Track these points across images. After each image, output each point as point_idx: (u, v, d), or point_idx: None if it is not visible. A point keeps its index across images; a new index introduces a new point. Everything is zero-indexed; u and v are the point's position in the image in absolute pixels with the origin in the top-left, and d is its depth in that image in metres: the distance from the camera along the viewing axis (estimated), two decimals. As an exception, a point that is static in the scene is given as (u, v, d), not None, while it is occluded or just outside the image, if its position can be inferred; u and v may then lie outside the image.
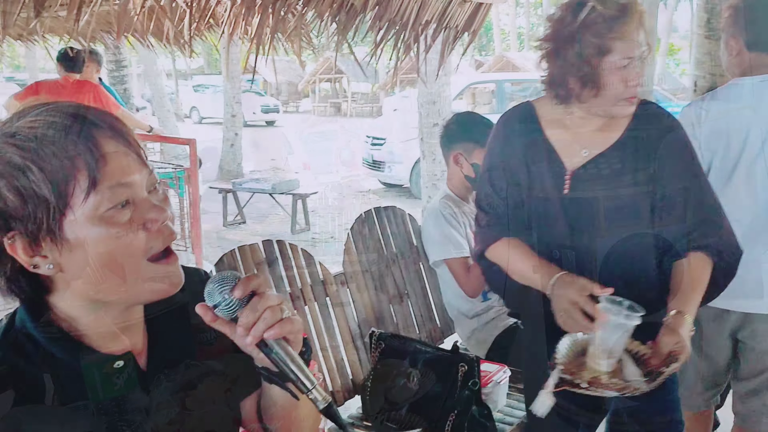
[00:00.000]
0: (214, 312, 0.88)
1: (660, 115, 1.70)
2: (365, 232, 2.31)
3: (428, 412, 1.86)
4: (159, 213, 0.85)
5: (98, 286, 0.84)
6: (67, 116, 0.81)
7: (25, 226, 0.80)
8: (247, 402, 1.09)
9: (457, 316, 2.44)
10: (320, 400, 0.89)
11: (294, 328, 0.89)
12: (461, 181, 2.46)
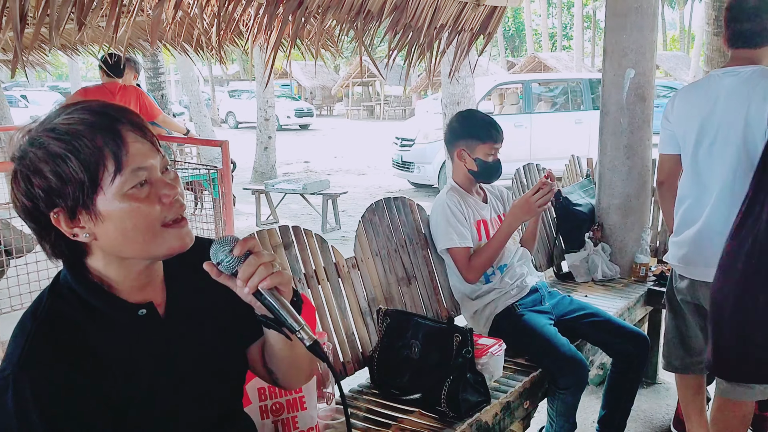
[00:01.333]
0: (218, 268, 1.10)
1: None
2: (375, 219, 2.51)
3: (427, 379, 2.05)
4: (170, 189, 1.08)
5: (125, 247, 1.07)
6: (95, 114, 1.04)
7: (66, 203, 1.03)
8: (253, 349, 1.31)
9: (462, 297, 2.63)
10: (306, 339, 1.11)
11: (284, 279, 1.10)
12: (465, 174, 2.64)
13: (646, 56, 3.18)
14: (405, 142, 10.29)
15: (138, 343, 1.12)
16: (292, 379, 1.34)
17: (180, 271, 1.20)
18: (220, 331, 1.24)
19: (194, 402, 1.19)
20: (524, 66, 22.65)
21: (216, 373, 1.23)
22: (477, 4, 4.02)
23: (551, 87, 11.46)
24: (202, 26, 3.02)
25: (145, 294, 1.15)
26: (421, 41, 3.91)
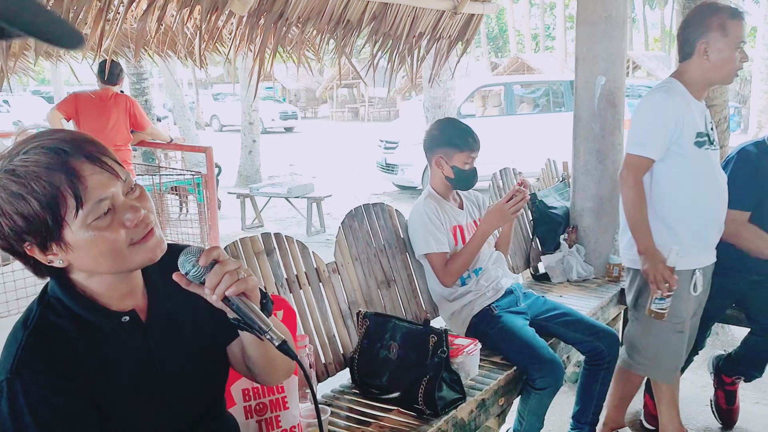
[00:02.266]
0: (186, 278, 1.17)
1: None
2: (355, 225, 2.60)
3: (405, 379, 2.14)
4: (134, 212, 1.14)
5: (98, 269, 1.16)
6: (50, 152, 1.08)
7: (35, 238, 1.11)
8: (233, 347, 1.39)
9: (439, 300, 2.72)
10: (275, 339, 1.18)
11: (248, 285, 1.16)
12: (442, 181, 2.73)
13: (616, 64, 3.29)
14: (389, 145, 10.39)
15: (123, 349, 1.19)
16: (270, 376, 1.41)
17: (159, 277, 1.27)
18: (200, 332, 1.32)
19: (179, 402, 1.27)
20: (508, 67, 22.83)
21: (198, 373, 1.31)
22: (454, 13, 4.12)
23: (533, 89, 11.60)
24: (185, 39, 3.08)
25: (127, 301, 1.23)
26: (401, 49, 4.01)
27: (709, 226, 2.50)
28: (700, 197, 2.45)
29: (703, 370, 3.35)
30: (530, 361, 2.40)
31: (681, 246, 2.41)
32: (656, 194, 2.47)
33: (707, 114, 2.49)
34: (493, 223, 2.60)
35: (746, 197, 2.68)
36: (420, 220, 2.65)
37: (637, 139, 2.45)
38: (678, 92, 2.43)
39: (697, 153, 2.41)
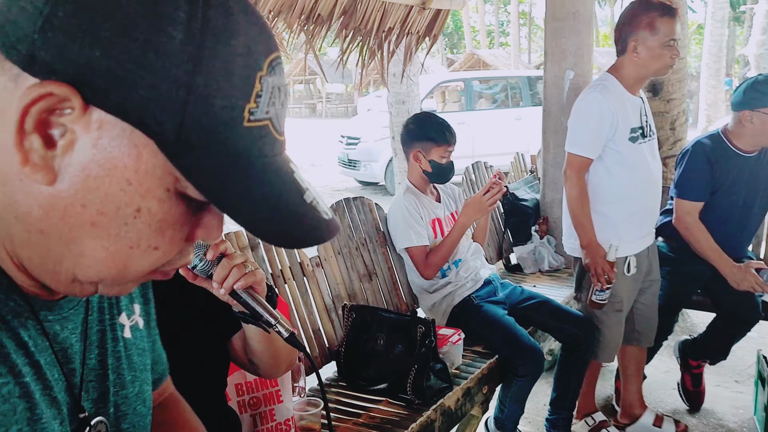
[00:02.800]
0: (193, 272, 1.16)
1: None
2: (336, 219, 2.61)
3: (393, 369, 2.17)
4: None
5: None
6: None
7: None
8: (235, 341, 1.40)
9: (420, 291, 2.75)
10: (283, 332, 1.18)
11: (257, 278, 1.16)
12: (420, 175, 2.77)
13: (584, 58, 3.38)
14: (350, 141, 10.38)
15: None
16: (273, 369, 1.42)
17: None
18: (201, 325, 1.32)
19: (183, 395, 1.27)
20: (464, 63, 23.01)
21: (201, 366, 1.31)
22: (422, 8, 4.16)
23: (491, 84, 11.75)
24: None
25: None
26: (371, 44, 4.03)
27: (644, 216, 2.62)
28: (636, 190, 2.55)
29: (665, 356, 3.47)
30: (512, 349, 2.45)
31: (617, 236, 2.52)
32: (595, 190, 2.55)
33: (643, 107, 2.58)
34: (471, 216, 2.65)
35: (700, 189, 2.81)
36: (400, 214, 2.68)
37: (575, 139, 2.53)
38: (611, 90, 2.49)
39: (631, 148, 2.50)
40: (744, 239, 2.96)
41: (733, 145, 2.80)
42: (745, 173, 2.79)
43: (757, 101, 2.67)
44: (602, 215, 2.56)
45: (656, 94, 4.28)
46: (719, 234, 2.81)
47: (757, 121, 2.68)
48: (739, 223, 2.88)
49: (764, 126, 2.68)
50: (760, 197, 2.86)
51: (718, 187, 2.79)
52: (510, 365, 2.47)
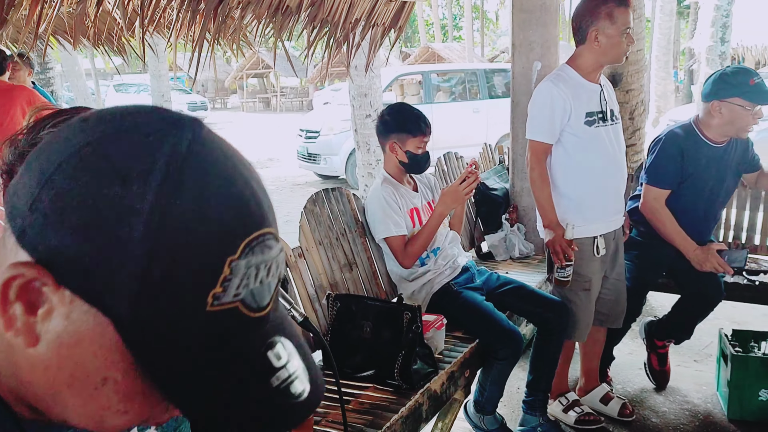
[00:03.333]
0: None
1: None
2: (316, 210, 2.63)
3: (380, 356, 2.20)
4: None
5: None
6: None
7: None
8: None
9: (399, 280, 2.79)
10: (297, 316, 1.22)
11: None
12: (396, 166, 2.80)
13: (551, 50, 3.46)
14: (310, 134, 10.34)
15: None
16: None
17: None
18: None
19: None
20: (419, 56, 23.13)
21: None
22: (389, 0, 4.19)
23: (449, 77, 11.85)
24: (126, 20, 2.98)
25: None
26: (338, 35, 4.04)
27: (607, 196, 2.72)
28: (596, 171, 2.65)
29: (629, 338, 3.58)
30: (492, 333, 2.52)
31: (583, 216, 2.65)
32: (557, 172, 2.69)
33: (604, 93, 2.67)
34: (448, 205, 2.70)
35: (668, 177, 2.93)
36: (378, 204, 2.71)
37: (532, 127, 2.67)
38: (566, 79, 2.63)
39: (588, 132, 2.62)
40: (708, 226, 3.09)
41: (704, 135, 2.91)
42: (714, 163, 2.91)
43: (725, 92, 2.78)
44: (566, 197, 2.69)
45: (616, 85, 4.40)
46: (684, 221, 2.93)
47: (726, 111, 2.80)
48: (704, 211, 3.00)
49: (732, 116, 2.79)
50: (725, 187, 3.00)
51: (687, 175, 2.90)
52: (490, 349, 2.53)
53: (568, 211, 2.67)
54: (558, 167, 2.68)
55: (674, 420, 2.99)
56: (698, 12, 13.10)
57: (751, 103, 2.76)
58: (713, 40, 7.25)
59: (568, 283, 2.67)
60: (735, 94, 2.77)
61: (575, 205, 2.68)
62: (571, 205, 2.68)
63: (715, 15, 7.16)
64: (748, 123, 2.80)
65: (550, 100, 2.60)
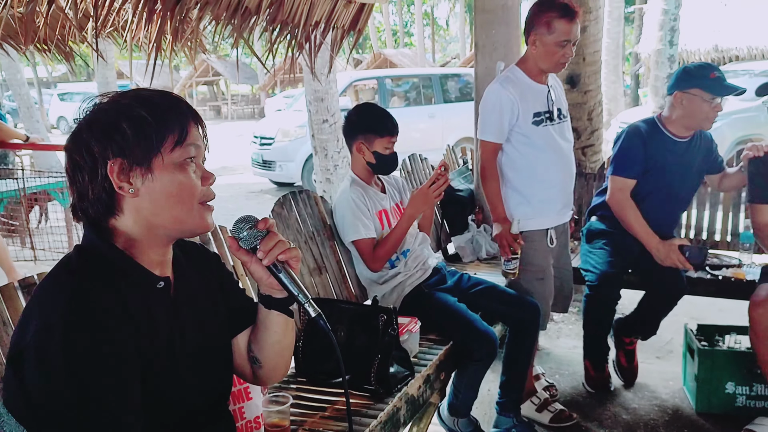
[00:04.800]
0: (238, 243, 1.21)
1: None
2: (284, 213, 2.55)
3: (355, 361, 2.13)
4: (210, 175, 1.21)
5: (161, 212, 1.15)
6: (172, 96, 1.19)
7: (128, 157, 1.12)
8: (240, 340, 1.37)
9: (369, 283, 2.73)
10: (312, 311, 1.22)
11: (298, 254, 1.23)
12: (364, 167, 2.74)
13: (513, 50, 3.47)
14: (265, 141, 10.20)
15: (156, 311, 1.18)
16: (275, 369, 1.41)
17: (183, 262, 1.28)
18: (214, 319, 1.32)
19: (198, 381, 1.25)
20: (371, 63, 23.13)
21: (214, 356, 1.31)
22: (348, 2, 4.14)
23: (404, 82, 11.87)
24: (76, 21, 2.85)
25: (160, 269, 1.21)
26: (299, 38, 3.97)
27: (556, 191, 2.81)
28: (545, 168, 2.75)
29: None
30: (466, 334, 2.48)
31: (534, 210, 2.76)
32: (508, 170, 2.79)
33: (553, 94, 2.76)
34: (418, 207, 2.66)
35: (632, 167, 3.00)
36: (347, 206, 2.65)
37: (483, 127, 2.78)
38: (513, 81, 2.72)
39: (536, 131, 2.72)
40: (671, 221, 3.14)
41: (667, 129, 2.99)
42: (676, 158, 2.97)
43: (686, 83, 2.88)
44: (518, 193, 2.78)
45: (574, 86, 4.46)
46: (648, 215, 2.98)
47: (687, 102, 2.89)
48: (667, 207, 3.06)
49: (692, 106, 2.88)
50: (688, 183, 3.06)
51: (650, 167, 2.95)
52: (465, 350, 2.50)
53: (520, 206, 2.78)
54: (509, 165, 2.78)
55: (645, 415, 3.02)
56: (644, 18, 13.48)
57: (709, 94, 2.84)
58: (662, 43, 7.44)
59: (514, 275, 2.76)
60: (695, 86, 2.86)
61: (526, 200, 2.77)
62: (523, 201, 2.78)
63: (663, 19, 7.35)
64: (707, 114, 2.88)
65: (498, 102, 2.69)
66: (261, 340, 1.34)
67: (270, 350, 1.35)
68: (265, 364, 1.37)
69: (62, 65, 5.77)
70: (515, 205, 2.78)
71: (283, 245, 1.20)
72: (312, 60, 4.13)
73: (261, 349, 1.35)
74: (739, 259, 3.36)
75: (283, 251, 1.20)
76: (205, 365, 1.26)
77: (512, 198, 2.79)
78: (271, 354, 1.35)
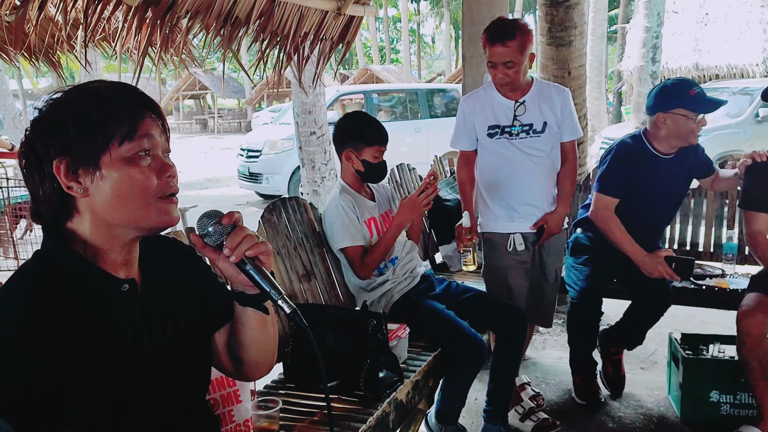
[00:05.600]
0: (203, 240, 1.16)
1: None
2: (273, 219, 2.56)
3: (344, 366, 2.14)
4: (169, 169, 1.14)
5: (115, 211, 1.10)
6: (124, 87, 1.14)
7: (72, 154, 1.07)
8: (219, 337, 1.34)
9: (357, 291, 2.74)
10: (286, 307, 1.17)
11: (268, 249, 1.18)
12: (353, 175, 2.76)
13: (500, 62, 3.50)
14: (251, 153, 10.19)
15: (120, 316, 1.13)
16: (258, 365, 1.36)
17: (152, 259, 1.23)
18: (188, 317, 1.27)
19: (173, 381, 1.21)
20: (357, 78, 23.24)
21: (189, 355, 1.26)
22: (338, 14, 4.18)
23: (390, 97, 11.94)
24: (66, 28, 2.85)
25: (125, 271, 1.17)
26: (288, 48, 3.99)
27: (512, 199, 2.88)
28: (499, 177, 2.87)
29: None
30: (455, 340, 2.49)
31: (493, 214, 2.91)
32: (477, 173, 2.97)
33: (525, 109, 2.81)
34: (407, 216, 2.68)
35: (618, 185, 3.00)
36: (336, 214, 2.66)
37: (453, 137, 2.99)
38: (477, 95, 2.91)
39: (490, 142, 2.85)
40: (656, 233, 3.17)
41: (653, 147, 3.00)
42: (662, 175, 3.00)
43: (668, 104, 2.88)
44: (481, 195, 2.96)
45: (560, 100, 4.51)
46: (633, 229, 2.97)
47: (671, 123, 2.89)
48: (651, 221, 3.09)
49: (677, 126, 2.88)
50: (673, 198, 3.09)
51: (636, 185, 2.97)
52: (453, 357, 2.50)
53: (484, 208, 2.95)
54: (477, 169, 2.97)
55: (630, 424, 3.03)
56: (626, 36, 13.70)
57: (693, 112, 2.85)
58: (644, 60, 7.56)
59: (467, 268, 2.82)
60: (678, 105, 2.85)
61: (487, 203, 2.94)
62: (486, 206, 2.95)
63: (646, 36, 7.48)
64: (693, 130, 2.89)
65: (461, 114, 2.93)
66: (240, 337, 1.29)
67: (250, 347, 1.30)
68: (246, 361, 1.33)
69: (47, 78, 5.74)
70: (481, 206, 2.97)
71: (251, 240, 1.15)
72: (300, 71, 4.15)
73: (241, 346, 1.30)
74: (723, 270, 3.40)
75: (252, 246, 1.14)
76: (179, 366, 1.22)
77: (479, 199, 2.98)
78: (252, 351, 1.31)
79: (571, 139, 2.92)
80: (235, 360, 1.34)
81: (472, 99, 2.91)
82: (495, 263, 2.91)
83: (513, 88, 2.78)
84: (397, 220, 2.67)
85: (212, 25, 3.48)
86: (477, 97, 2.91)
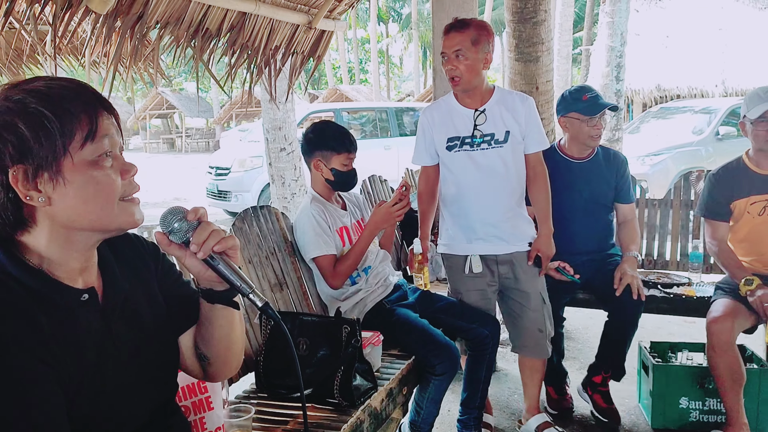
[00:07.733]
0: (168, 238, 1.13)
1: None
2: (245, 228, 2.53)
3: (317, 373, 2.11)
4: (130, 167, 1.11)
5: (80, 216, 1.04)
6: (77, 86, 1.06)
7: (31, 161, 1.00)
8: (185, 338, 1.31)
9: (330, 300, 2.72)
10: (258, 300, 1.16)
11: (235, 243, 1.16)
12: (323, 184, 2.75)
13: (470, 75, 3.54)
14: (220, 171, 10.11)
15: (80, 327, 1.08)
16: (225, 364, 1.33)
17: (112, 262, 1.19)
18: (154, 319, 1.24)
19: (140, 388, 1.18)
20: (327, 98, 23.28)
21: (156, 359, 1.22)
22: (308, 27, 4.20)
23: (360, 115, 11.98)
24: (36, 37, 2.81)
25: (84, 279, 1.12)
26: (259, 61, 3.99)
27: (471, 220, 2.78)
28: (458, 194, 2.79)
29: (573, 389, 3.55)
30: (428, 348, 2.48)
31: (452, 234, 2.85)
32: (441, 191, 2.90)
33: (485, 118, 2.71)
34: (379, 225, 2.68)
35: None
36: (308, 223, 2.64)
37: (414, 153, 2.93)
38: (436, 105, 2.85)
39: (450, 156, 2.77)
40: (602, 233, 3.24)
41: (565, 153, 3.19)
42: (581, 177, 3.14)
43: (565, 108, 3.11)
44: (443, 215, 2.91)
45: (528, 115, 4.57)
46: (566, 232, 3.01)
47: (569, 125, 3.12)
48: (585, 221, 3.16)
49: (574, 128, 3.09)
50: (603, 194, 3.19)
51: (557, 189, 2.94)
52: (427, 364, 2.49)
53: (444, 229, 2.90)
54: (441, 186, 2.89)
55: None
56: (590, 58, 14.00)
57: (585, 115, 3.05)
58: (609, 79, 7.73)
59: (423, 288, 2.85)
60: (572, 110, 3.08)
61: (448, 223, 2.88)
62: (446, 224, 2.89)
63: (610, 55, 7.65)
64: (589, 132, 3.07)
65: (420, 128, 2.86)
66: (207, 336, 1.26)
67: (218, 345, 1.27)
68: (214, 361, 1.30)
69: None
70: (441, 224, 2.92)
71: (218, 235, 1.13)
72: (271, 85, 4.14)
73: (208, 345, 1.27)
74: (689, 278, 3.46)
75: (219, 241, 1.12)
76: (146, 371, 1.18)
77: (441, 218, 2.92)
78: (220, 349, 1.28)
79: (537, 151, 2.81)
80: (201, 359, 1.32)
81: (431, 111, 2.82)
82: (454, 286, 2.91)
83: (464, 88, 2.66)
84: (369, 229, 2.67)
85: (182, 37, 3.47)
86: (436, 107, 2.82)
